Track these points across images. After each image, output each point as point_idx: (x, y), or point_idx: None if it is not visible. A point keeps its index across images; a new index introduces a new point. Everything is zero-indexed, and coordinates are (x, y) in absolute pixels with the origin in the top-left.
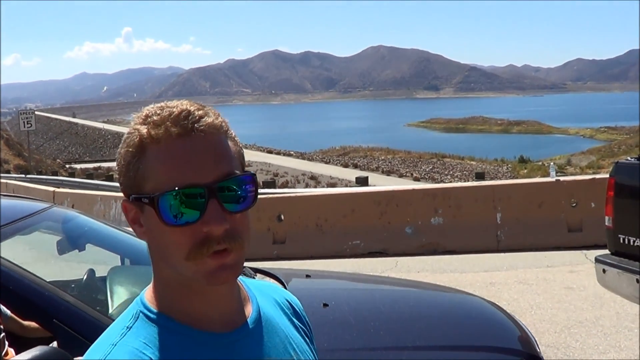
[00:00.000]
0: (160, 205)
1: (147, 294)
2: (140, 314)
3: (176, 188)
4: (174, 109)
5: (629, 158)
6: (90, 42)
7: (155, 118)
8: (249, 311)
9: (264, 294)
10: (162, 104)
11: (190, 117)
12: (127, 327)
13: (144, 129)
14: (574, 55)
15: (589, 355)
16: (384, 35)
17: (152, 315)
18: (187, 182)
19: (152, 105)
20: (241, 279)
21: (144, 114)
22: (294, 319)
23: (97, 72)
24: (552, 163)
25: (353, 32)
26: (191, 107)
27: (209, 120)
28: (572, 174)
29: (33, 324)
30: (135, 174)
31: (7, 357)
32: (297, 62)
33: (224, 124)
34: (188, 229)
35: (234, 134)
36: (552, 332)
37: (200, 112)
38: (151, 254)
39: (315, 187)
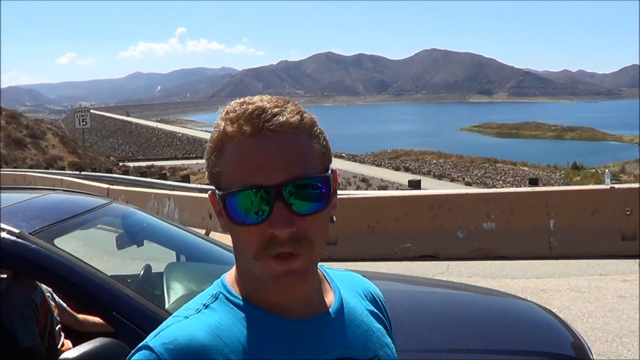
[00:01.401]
0: (228, 203)
1: (228, 278)
2: (221, 295)
3: (243, 188)
4: (250, 107)
5: None
6: (145, 42)
7: (232, 115)
8: (331, 301)
9: (347, 284)
10: (245, 99)
11: (262, 116)
12: (205, 305)
13: (222, 125)
14: (630, 62)
15: None
16: (437, 39)
17: (232, 298)
18: (254, 183)
19: (236, 100)
20: (324, 269)
21: (226, 109)
22: (376, 311)
23: (151, 72)
24: (607, 170)
25: (406, 35)
26: (268, 104)
27: (282, 119)
28: (626, 182)
29: (88, 317)
30: (214, 170)
31: (63, 349)
32: (350, 64)
33: (305, 121)
34: (255, 229)
35: (318, 131)
36: (603, 341)
37: (276, 109)
38: (233, 245)
39: (366, 189)
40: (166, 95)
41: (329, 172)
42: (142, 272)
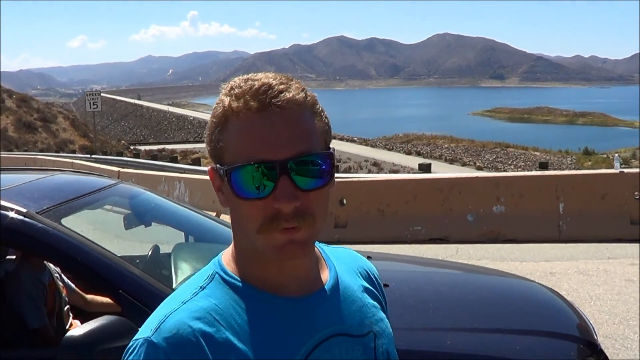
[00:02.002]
0: (233, 177)
1: (225, 256)
2: (216, 275)
3: (249, 163)
4: (256, 83)
5: None
6: (156, 25)
7: (237, 91)
8: (327, 278)
9: (343, 261)
10: (249, 75)
11: (269, 92)
12: (201, 287)
13: (226, 101)
14: None
15: None
16: (450, 23)
17: (228, 278)
18: (260, 158)
19: (239, 77)
20: (320, 246)
21: (230, 85)
22: (371, 287)
23: (162, 55)
24: (616, 155)
25: (419, 19)
26: (273, 81)
27: (289, 95)
28: (637, 167)
29: (96, 297)
30: (217, 144)
31: (72, 329)
32: (362, 48)
33: (308, 99)
34: (259, 203)
35: (320, 109)
36: (610, 324)
37: (282, 86)
38: (232, 221)
39: (377, 173)
40: (178, 78)
41: (331, 149)
42: (150, 253)
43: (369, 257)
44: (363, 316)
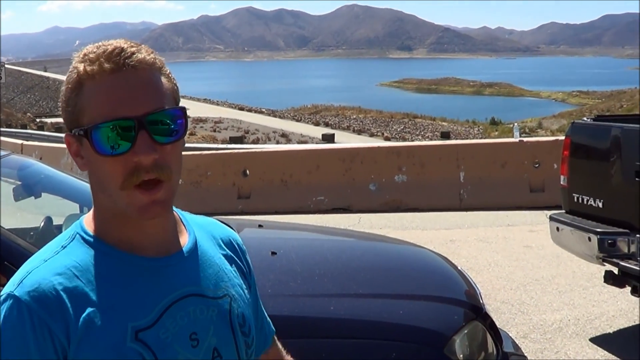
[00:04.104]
0: (94, 136)
1: (86, 218)
2: (77, 236)
3: (109, 119)
4: (109, 47)
5: (585, 118)
6: None
7: (91, 55)
8: (185, 242)
9: (203, 228)
10: (100, 43)
11: (122, 54)
12: (62, 247)
13: (81, 66)
14: (548, 19)
15: (543, 312)
16: None
17: (87, 238)
18: (118, 115)
19: (90, 45)
20: (181, 213)
21: (82, 52)
22: (232, 254)
23: (69, 26)
24: (515, 124)
25: None
26: (124, 45)
27: (141, 56)
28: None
29: None
30: (74, 109)
31: None
32: (271, 19)
33: (157, 60)
34: (120, 158)
35: (168, 71)
36: (507, 289)
37: (133, 49)
38: (91, 184)
39: (285, 144)
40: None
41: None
42: (42, 224)
43: (260, 226)
44: (219, 279)
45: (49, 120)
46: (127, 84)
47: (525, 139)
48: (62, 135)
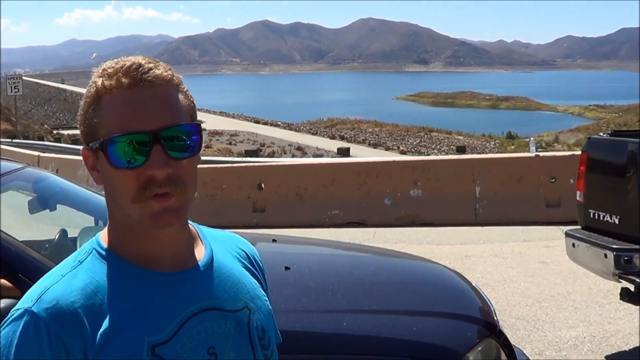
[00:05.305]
0: (109, 149)
1: (103, 233)
2: (94, 251)
3: (124, 133)
4: (127, 62)
5: (601, 134)
6: (80, 9)
7: (109, 70)
8: (201, 256)
9: (222, 242)
10: (118, 59)
11: (140, 69)
12: (79, 262)
13: (99, 81)
14: (565, 32)
15: (558, 328)
16: (373, 8)
17: (103, 252)
18: (134, 129)
19: (109, 60)
20: (199, 227)
21: (101, 67)
22: (250, 267)
23: (86, 39)
24: (531, 138)
25: (343, 4)
26: (142, 61)
27: (158, 72)
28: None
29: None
30: (91, 123)
31: None
32: (287, 32)
33: (174, 77)
34: (134, 172)
35: (185, 89)
36: (523, 305)
37: (150, 65)
38: (106, 198)
39: (301, 157)
40: (102, 62)
41: (199, 122)
42: (57, 237)
43: (274, 240)
44: (238, 292)
45: (65, 132)
46: (143, 99)
47: (541, 154)
48: (79, 147)
